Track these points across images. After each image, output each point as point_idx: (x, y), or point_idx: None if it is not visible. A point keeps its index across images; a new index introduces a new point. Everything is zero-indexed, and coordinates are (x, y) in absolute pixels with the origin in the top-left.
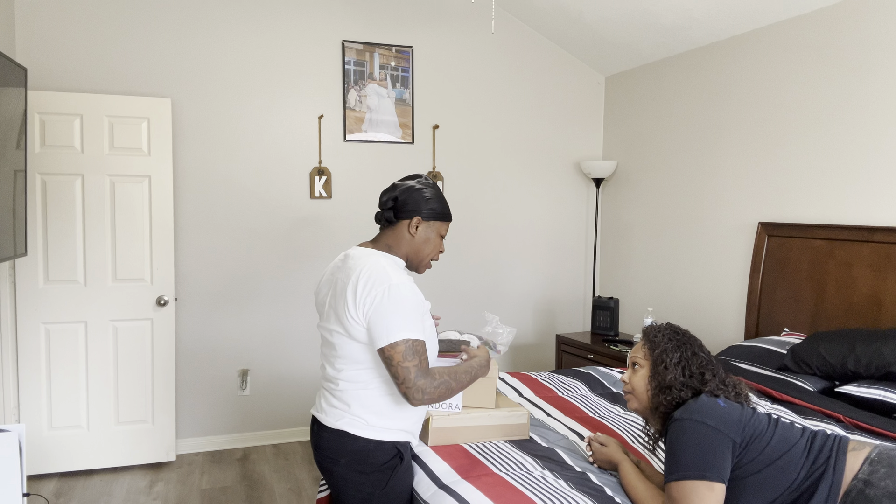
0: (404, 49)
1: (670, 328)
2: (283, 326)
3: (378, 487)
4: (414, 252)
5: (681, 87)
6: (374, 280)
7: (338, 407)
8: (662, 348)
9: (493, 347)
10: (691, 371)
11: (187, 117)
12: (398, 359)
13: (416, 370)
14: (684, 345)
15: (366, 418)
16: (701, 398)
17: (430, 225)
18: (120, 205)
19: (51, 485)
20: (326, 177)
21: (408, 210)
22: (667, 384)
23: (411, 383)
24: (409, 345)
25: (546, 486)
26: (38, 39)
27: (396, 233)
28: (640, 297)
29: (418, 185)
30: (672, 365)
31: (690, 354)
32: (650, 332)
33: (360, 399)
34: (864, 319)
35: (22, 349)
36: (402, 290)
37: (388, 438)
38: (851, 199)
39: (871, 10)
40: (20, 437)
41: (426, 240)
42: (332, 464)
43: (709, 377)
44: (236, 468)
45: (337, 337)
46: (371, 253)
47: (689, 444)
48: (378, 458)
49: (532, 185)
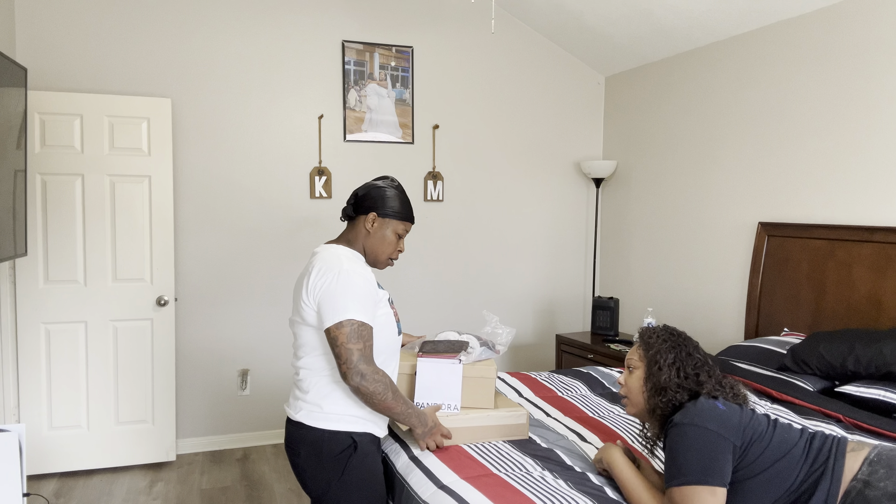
0: (404, 49)
1: (666, 330)
2: (283, 326)
3: (335, 476)
4: (371, 248)
5: (681, 87)
6: (327, 266)
7: (299, 398)
8: (657, 349)
9: (492, 347)
10: (686, 372)
11: (187, 117)
12: (342, 339)
13: (358, 353)
14: (679, 346)
15: (320, 404)
16: (700, 401)
17: (386, 222)
18: (120, 205)
19: (51, 485)
20: (326, 177)
21: (365, 206)
22: (661, 385)
23: (352, 364)
24: (353, 327)
25: (545, 487)
26: (38, 39)
27: (356, 227)
28: (640, 297)
29: (382, 184)
30: (666, 366)
31: (685, 355)
32: (645, 334)
33: (316, 386)
34: (864, 319)
35: (22, 349)
36: (352, 276)
37: (341, 428)
38: (851, 199)
39: (871, 10)
40: (20, 437)
41: (382, 237)
42: (294, 455)
43: (704, 378)
44: (236, 468)
45: (296, 326)
46: (331, 246)
47: (690, 449)
48: (332, 448)
49: (532, 185)
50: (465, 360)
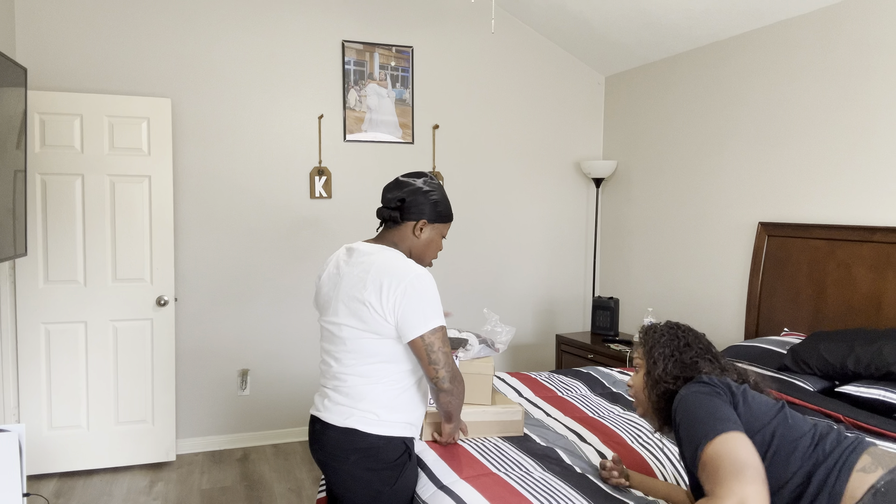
0: (404, 49)
1: (666, 325)
2: (283, 326)
3: (388, 485)
4: (417, 252)
5: (681, 87)
6: (399, 273)
7: (344, 404)
8: (653, 344)
9: (491, 345)
10: (683, 362)
11: (187, 117)
12: (438, 344)
13: (452, 357)
14: (676, 338)
15: (377, 413)
16: (693, 381)
17: (434, 227)
18: (120, 205)
19: (51, 485)
20: (326, 177)
21: (414, 213)
22: (656, 378)
23: (451, 368)
24: (443, 332)
25: (545, 487)
26: (38, 39)
27: (401, 233)
28: (640, 297)
29: (426, 186)
30: (662, 359)
31: (683, 346)
32: (644, 331)
33: (371, 394)
34: (864, 319)
35: (22, 349)
36: (426, 280)
37: (396, 434)
38: (851, 199)
39: (871, 10)
40: (20, 437)
41: (430, 241)
42: (339, 462)
43: (705, 366)
44: (236, 468)
45: (347, 331)
46: (381, 248)
47: (695, 411)
48: (388, 455)
49: (532, 185)
50: (462, 357)
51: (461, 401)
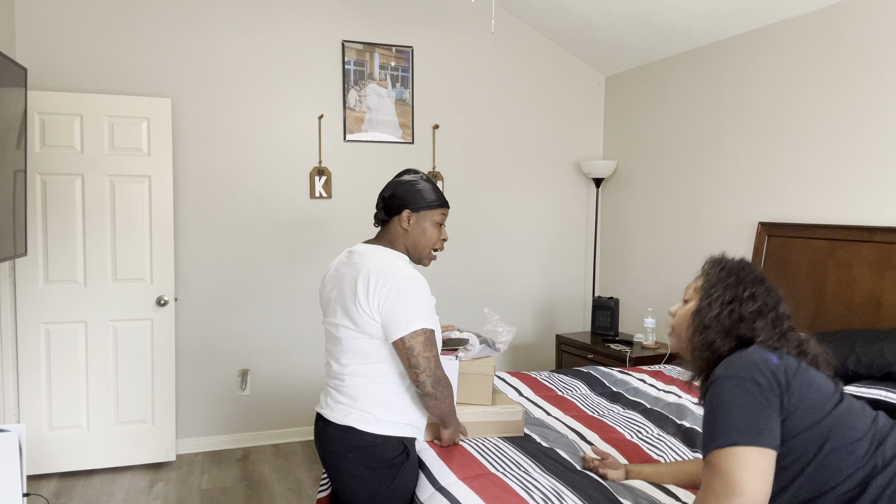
0: (404, 49)
1: (739, 263)
2: (283, 326)
3: (385, 483)
4: (412, 245)
5: (681, 87)
6: (386, 273)
7: (344, 403)
8: (714, 282)
9: (492, 345)
10: (741, 315)
11: (187, 117)
12: (418, 349)
13: (434, 360)
14: (741, 283)
15: (373, 412)
16: (748, 350)
17: (422, 215)
18: (120, 205)
19: (51, 485)
20: (326, 177)
21: (397, 205)
22: (706, 322)
23: (431, 372)
24: (427, 335)
25: (544, 487)
26: (38, 39)
27: (392, 229)
28: (640, 297)
29: (408, 177)
30: (718, 304)
31: (746, 296)
32: (712, 262)
33: (367, 393)
34: (864, 319)
35: (22, 349)
36: (415, 282)
37: (394, 433)
38: (851, 199)
39: (871, 10)
40: (20, 437)
41: (422, 231)
42: (339, 459)
43: (761, 328)
44: (236, 468)
45: (343, 332)
46: (376, 249)
47: (732, 405)
48: (385, 454)
49: (532, 185)
50: (463, 357)
51: (448, 406)
